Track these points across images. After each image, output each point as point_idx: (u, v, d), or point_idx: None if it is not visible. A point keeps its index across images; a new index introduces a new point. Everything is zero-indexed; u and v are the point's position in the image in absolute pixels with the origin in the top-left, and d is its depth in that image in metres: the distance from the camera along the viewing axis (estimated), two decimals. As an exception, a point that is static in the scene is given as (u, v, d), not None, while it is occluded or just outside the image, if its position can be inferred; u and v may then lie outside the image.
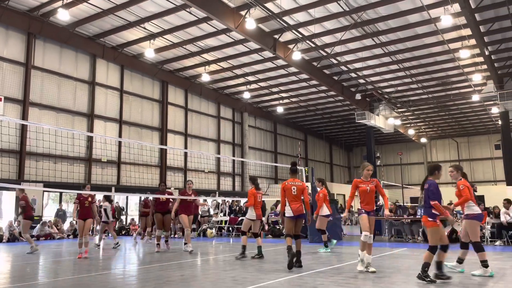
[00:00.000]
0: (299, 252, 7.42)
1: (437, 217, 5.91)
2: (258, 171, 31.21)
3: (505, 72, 22.93)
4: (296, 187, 7.66)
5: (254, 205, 9.06)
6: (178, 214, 10.59)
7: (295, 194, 7.60)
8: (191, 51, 20.90)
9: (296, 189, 7.63)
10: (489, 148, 37.13)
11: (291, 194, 7.60)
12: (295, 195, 7.60)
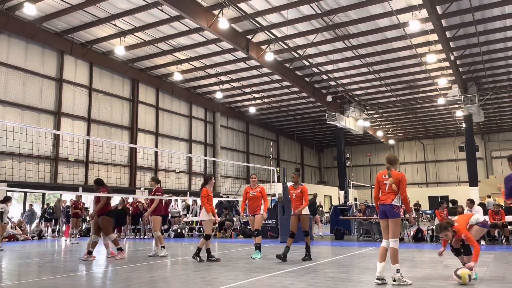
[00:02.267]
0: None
1: None
2: (230, 171, 31.18)
3: (469, 77, 23.82)
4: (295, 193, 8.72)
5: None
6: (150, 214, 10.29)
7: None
8: (163, 50, 20.66)
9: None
10: (454, 150, 38.45)
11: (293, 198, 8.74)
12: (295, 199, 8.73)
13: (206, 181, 9.14)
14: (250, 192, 9.34)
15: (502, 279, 6.09)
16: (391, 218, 5.88)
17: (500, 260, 8.15)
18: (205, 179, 9.24)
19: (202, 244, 8.75)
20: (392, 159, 6.12)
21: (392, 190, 5.91)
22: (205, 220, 8.87)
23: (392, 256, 5.74)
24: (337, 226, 14.97)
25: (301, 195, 8.79)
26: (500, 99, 27.99)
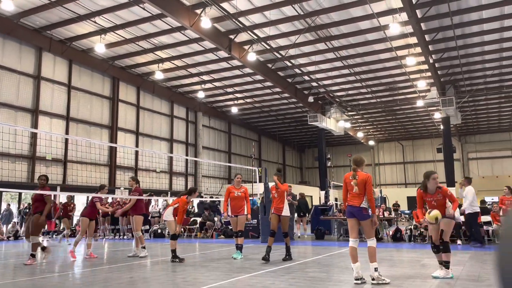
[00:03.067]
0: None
1: None
2: (211, 171, 31.07)
3: (447, 80, 24.32)
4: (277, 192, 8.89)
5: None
6: (129, 214, 10.18)
7: (276, 197, 8.78)
8: (144, 48, 20.44)
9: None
10: (432, 151, 39.19)
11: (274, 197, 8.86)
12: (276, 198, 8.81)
13: (190, 192, 9.11)
14: (234, 192, 9.30)
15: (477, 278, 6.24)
16: (362, 220, 5.95)
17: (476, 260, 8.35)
18: (190, 190, 9.21)
19: (172, 245, 8.70)
20: (358, 161, 6.18)
21: (358, 192, 5.97)
22: (169, 220, 8.86)
23: (370, 254, 5.81)
24: (317, 226, 15.10)
25: (282, 194, 8.77)
26: (477, 101, 28.66)
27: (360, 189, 5.94)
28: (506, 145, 37.39)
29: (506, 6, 16.21)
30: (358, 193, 5.95)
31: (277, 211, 8.69)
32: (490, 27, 18.00)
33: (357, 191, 5.95)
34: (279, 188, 8.77)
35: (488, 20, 17.29)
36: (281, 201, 8.72)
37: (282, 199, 8.70)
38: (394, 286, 5.59)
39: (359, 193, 5.95)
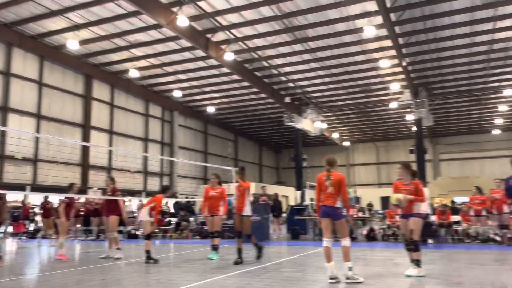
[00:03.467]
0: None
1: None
2: (187, 171, 30.81)
3: (420, 83, 24.88)
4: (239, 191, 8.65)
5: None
6: (103, 214, 9.93)
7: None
8: (118, 45, 20.07)
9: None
10: (404, 152, 39.96)
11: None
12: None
13: (164, 190, 9.08)
14: (210, 192, 9.21)
15: (448, 276, 6.40)
16: (336, 220, 6.01)
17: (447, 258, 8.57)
18: (164, 188, 9.20)
19: (147, 245, 8.60)
20: (332, 161, 6.23)
21: (332, 192, 6.02)
22: (145, 220, 8.77)
23: (344, 254, 5.88)
24: (293, 226, 15.18)
25: (243, 192, 8.47)
26: (448, 104, 29.43)
27: (335, 189, 5.99)
28: (475, 146, 38.58)
29: (477, 12, 16.71)
30: (332, 193, 6.00)
31: (239, 211, 8.40)
32: (462, 31, 18.51)
33: (331, 191, 5.99)
34: (241, 186, 8.48)
35: (460, 25, 17.78)
36: (242, 200, 8.43)
37: (243, 198, 8.42)
38: (368, 285, 5.66)
39: (333, 193, 6.00)
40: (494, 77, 24.04)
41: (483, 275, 6.38)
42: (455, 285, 5.62)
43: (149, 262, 8.32)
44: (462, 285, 5.61)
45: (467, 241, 12.32)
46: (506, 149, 37.78)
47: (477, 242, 11.96)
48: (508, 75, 23.54)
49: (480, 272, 6.73)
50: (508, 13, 16.72)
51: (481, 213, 11.70)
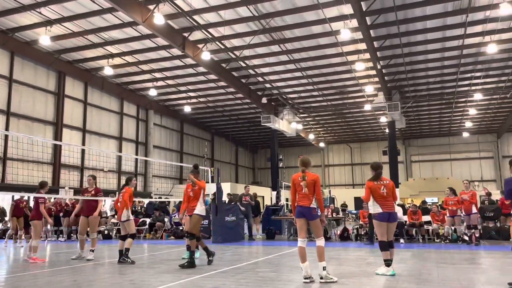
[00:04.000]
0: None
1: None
2: (162, 171, 30.49)
3: (393, 86, 25.43)
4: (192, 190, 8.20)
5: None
6: (79, 215, 9.65)
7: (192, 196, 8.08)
8: (93, 42, 19.68)
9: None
10: (378, 154, 40.80)
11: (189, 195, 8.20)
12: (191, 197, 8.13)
13: (128, 183, 8.94)
14: (189, 192, 9.28)
15: (419, 275, 6.56)
16: (311, 220, 6.08)
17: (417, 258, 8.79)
18: (127, 180, 9.03)
19: (130, 244, 8.52)
20: (306, 162, 6.31)
21: (307, 192, 6.09)
22: (128, 220, 8.69)
23: (318, 254, 5.95)
24: (268, 226, 15.24)
25: (198, 192, 8.22)
26: (420, 107, 30.20)
27: (310, 189, 6.06)
28: (445, 149, 39.71)
29: (448, 17, 17.22)
30: (307, 194, 6.06)
31: (190, 212, 8.11)
32: (433, 36, 19.03)
33: (306, 191, 6.05)
34: (195, 185, 8.22)
35: (432, 30, 18.28)
36: (195, 200, 8.15)
37: (197, 197, 8.15)
38: (341, 284, 5.75)
39: (308, 194, 6.06)
40: (464, 82, 24.84)
41: (451, 274, 6.59)
42: (425, 283, 5.78)
43: (126, 261, 8.27)
44: (432, 283, 5.77)
45: (437, 241, 12.67)
46: (474, 152, 39.09)
47: (447, 242, 12.32)
48: (477, 80, 24.34)
49: (449, 271, 6.94)
50: (478, 19, 17.30)
51: (456, 214, 12.03)
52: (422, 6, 16.35)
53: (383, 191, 6.72)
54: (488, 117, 32.85)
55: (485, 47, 19.15)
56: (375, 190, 6.74)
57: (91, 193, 9.40)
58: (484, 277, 6.22)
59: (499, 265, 7.46)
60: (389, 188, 6.79)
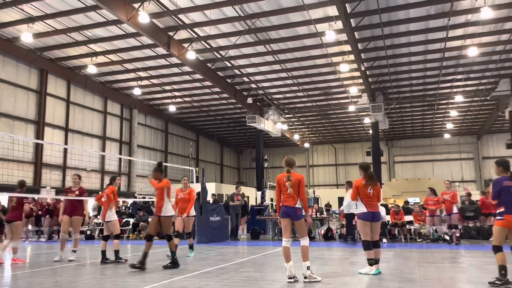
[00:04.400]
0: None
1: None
2: (146, 171, 30.20)
3: (377, 87, 25.72)
4: None
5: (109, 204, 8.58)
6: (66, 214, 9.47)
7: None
8: (76, 40, 19.40)
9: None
10: (362, 154, 41.22)
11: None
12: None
13: (111, 182, 8.94)
14: (179, 194, 9.58)
15: (401, 274, 6.66)
16: (296, 220, 6.11)
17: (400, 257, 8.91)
18: (112, 179, 9.02)
19: (117, 245, 8.58)
20: (291, 162, 6.34)
21: (292, 193, 6.12)
22: (112, 220, 8.61)
23: (303, 253, 5.98)
24: (253, 226, 15.26)
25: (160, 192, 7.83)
26: (403, 108, 30.62)
27: (294, 189, 6.08)
28: (427, 150, 40.36)
29: (431, 21, 17.51)
30: (292, 194, 6.08)
31: (157, 212, 7.79)
32: (416, 39, 19.32)
33: (291, 192, 6.08)
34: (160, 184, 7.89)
35: (415, 32, 18.56)
36: (160, 199, 7.78)
37: (161, 197, 7.81)
38: (325, 284, 5.80)
39: (293, 194, 6.09)
40: (445, 84, 25.28)
41: (433, 273, 6.70)
42: (407, 282, 5.87)
43: (120, 262, 8.38)
44: (414, 282, 5.86)
45: (419, 240, 12.86)
46: (455, 153, 39.83)
47: (428, 241, 12.52)
48: (458, 82, 24.80)
49: (431, 270, 7.06)
50: (459, 23, 17.63)
51: (435, 214, 12.23)
52: (406, 9, 16.59)
53: (370, 191, 6.80)
54: (468, 119, 33.50)
55: (466, 50, 19.53)
56: (362, 189, 6.82)
57: (76, 193, 9.25)
58: (465, 276, 6.35)
59: (479, 264, 7.62)
60: (376, 190, 6.88)
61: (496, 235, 5.64)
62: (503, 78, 23.98)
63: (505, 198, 5.59)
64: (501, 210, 5.62)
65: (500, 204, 5.63)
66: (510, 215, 5.53)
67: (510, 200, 5.57)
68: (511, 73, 23.52)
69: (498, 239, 5.59)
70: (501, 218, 5.59)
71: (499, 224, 5.60)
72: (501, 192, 5.63)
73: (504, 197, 5.60)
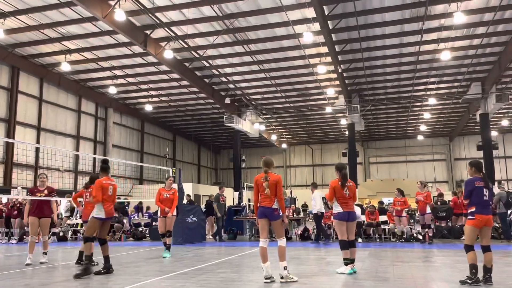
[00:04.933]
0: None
1: None
2: (122, 171, 29.75)
3: (353, 89, 26.09)
4: (112, 186, 7.35)
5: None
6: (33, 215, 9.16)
7: (111, 194, 7.29)
8: (50, 37, 18.92)
9: (113, 189, 7.39)
10: (338, 155, 41.74)
11: (107, 193, 7.22)
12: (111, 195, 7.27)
13: (92, 181, 8.66)
14: (163, 194, 9.63)
15: (375, 272, 6.76)
16: (273, 220, 6.13)
17: (374, 256, 9.05)
18: (92, 179, 8.76)
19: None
20: (269, 162, 6.37)
21: (269, 193, 6.14)
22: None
23: (280, 254, 6.00)
24: (230, 227, 15.22)
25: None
26: (378, 110, 31.15)
27: (272, 190, 6.10)
28: (401, 151, 41.20)
29: (406, 24, 17.87)
30: (269, 194, 6.10)
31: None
32: (392, 42, 19.69)
33: (268, 192, 6.09)
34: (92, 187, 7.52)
35: (390, 36, 18.91)
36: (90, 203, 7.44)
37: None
38: (302, 284, 5.83)
39: (270, 194, 6.10)
40: (419, 87, 25.85)
41: (406, 272, 6.84)
42: (381, 281, 5.96)
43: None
44: (388, 281, 5.96)
45: (393, 240, 13.10)
46: (428, 154, 40.80)
47: (402, 241, 12.76)
48: (431, 85, 25.41)
49: (404, 268, 7.19)
50: (433, 27, 18.06)
51: (401, 214, 12.49)
52: (382, 13, 16.88)
53: (346, 192, 6.88)
54: (441, 121, 34.37)
55: (440, 54, 20.03)
56: (339, 190, 6.90)
57: (45, 193, 8.98)
58: (437, 275, 6.50)
59: (451, 263, 7.81)
60: (352, 190, 6.97)
61: (467, 234, 5.79)
62: (474, 81, 24.71)
63: (476, 198, 5.75)
64: (472, 210, 5.77)
65: (472, 203, 5.78)
66: (481, 214, 5.68)
67: (481, 200, 5.73)
68: (482, 77, 24.26)
69: (469, 239, 5.73)
70: (472, 218, 5.74)
71: (471, 223, 5.74)
72: (473, 192, 5.78)
73: (475, 197, 5.76)
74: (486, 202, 5.77)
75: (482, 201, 5.74)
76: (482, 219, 5.68)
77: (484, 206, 5.73)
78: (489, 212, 5.75)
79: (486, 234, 5.77)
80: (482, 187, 5.79)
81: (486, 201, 5.77)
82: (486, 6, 16.41)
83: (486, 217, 5.69)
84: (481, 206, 5.73)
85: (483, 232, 5.77)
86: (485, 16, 17.15)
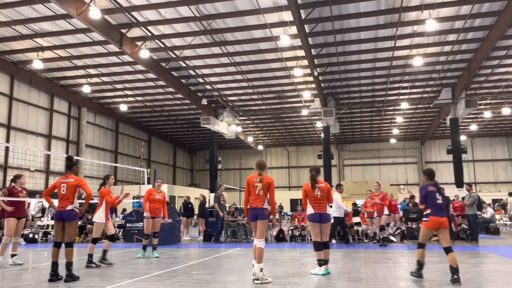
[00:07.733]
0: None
1: None
2: (95, 171, 29.19)
3: (329, 92, 26.44)
4: (66, 184, 6.63)
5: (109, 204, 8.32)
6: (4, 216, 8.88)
7: (64, 193, 6.62)
8: (21, 33, 18.42)
9: (66, 187, 6.62)
10: (313, 157, 42.15)
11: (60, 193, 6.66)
12: (64, 194, 6.62)
13: (105, 182, 8.63)
14: (155, 195, 9.66)
15: (349, 273, 6.90)
16: (260, 219, 6.22)
17: (348, 257, 9.21)
18: (105, 178, 8.70)
19: (107, 246, 8.51)
20: (263, 164, 6.50)
21: (261, 194, 6.24)
22: (100, 222, 8.38)
23: (258, 255, 6.05)
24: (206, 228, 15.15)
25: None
26: (353, 114, 31.67)
27: (265, 191, 6.25)
28: (375, 154, 42.00)
29: (380, 30, 18.26)
30: (261, 195, 6.23)
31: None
32: (366, 47, 20.08)
33: (261, 193, 6.22)
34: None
35: (365, 41, 19.29)
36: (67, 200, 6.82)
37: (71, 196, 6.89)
38: (276, 284, 5.89)
39: (262, 195, 6.24)
40: (392, 91, 26.44)
41: (379, 272, 7.00)
42: (354, 281, 6.09)
43: (92, 267, 8.04)
44: (361, 281, 6.09)
45: (365, 241, 13.35)
46: (400, 157, 41.73)
47: (374, 242, 13.02)
48: (404, 90, 26.03)
49: (376, 269, 7.36)
50: (406, 33, 18.53)
51: (373, 215, 12.75)
52: (357, 18, 17.20)
53: (317, 193, 6.99)
54: (413, 125, 35.23)
55: (412, 59, 20.56)
56: (310, 192, 7.01)
57: (24, 193, 8.85)
58: (408, 275, 6.68)
59: (420, 263, 8.02)
60: (324, 191, 7.07)
61: (421, 234, 6.33)
62: (445, 87, 25.47)
63: (431, 202, 6.24)
64: (427, 212, 6.25)
65: (427, 207, 6.27)
66: (436, 216, 6.12)
67: (435, 203, 6.21)
68: (452, 83, 25.03)
69: (423, 238, 6.31)
70: (426, 220, 6.21)
71: (425, 225, 6.23)
72: (427, 196, 6.30)
73: (430, 201, 6.25)
74: (440, 205, 6.21)
75: (436, 203, 6.20)
76: (436, 220, 6.09)
77: (439, 208, 6.17)
78: (444, 215, 6.18)
79: (445, 236, 6.14)
80: (435, 192, 6.29)
81: (440, 204, 6.22)
82: (457, 14, 16.96)
83: (440, 219, 6.10)
84: (435, 208, 6.17)
85: (441, 234, 6.16)
86: (455, 23, 17.72)
